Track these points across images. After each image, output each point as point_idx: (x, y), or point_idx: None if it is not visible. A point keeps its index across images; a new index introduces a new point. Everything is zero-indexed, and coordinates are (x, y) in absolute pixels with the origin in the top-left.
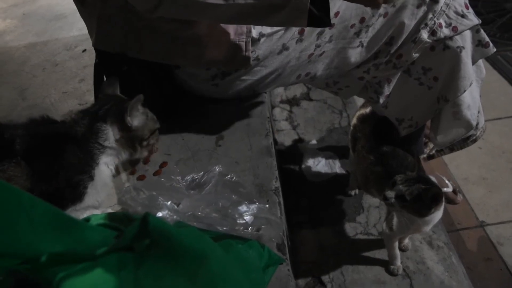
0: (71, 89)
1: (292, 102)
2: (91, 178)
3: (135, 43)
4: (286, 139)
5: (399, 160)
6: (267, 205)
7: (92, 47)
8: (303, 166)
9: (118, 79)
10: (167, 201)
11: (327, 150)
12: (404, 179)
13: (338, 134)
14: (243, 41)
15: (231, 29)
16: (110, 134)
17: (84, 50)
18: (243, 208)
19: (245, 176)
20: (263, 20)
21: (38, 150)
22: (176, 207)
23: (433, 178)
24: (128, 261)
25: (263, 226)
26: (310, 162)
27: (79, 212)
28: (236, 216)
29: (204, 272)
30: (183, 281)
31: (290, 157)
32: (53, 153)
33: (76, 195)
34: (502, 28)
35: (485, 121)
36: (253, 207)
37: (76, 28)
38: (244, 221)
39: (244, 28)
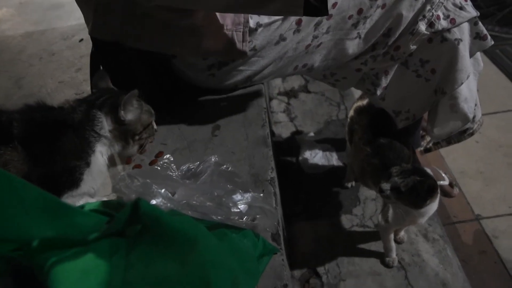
0: (67, 78)
1: (290, 94)
2: (87, 164)
3: (132, 32)
4: (284, 131)
5: (396, 152)
6: (262, 194)
7: (89, 37)
8: (300, 158)
9: (107, 73)
10: (161, 189)
11: (324, 142)
12: (400, 171)
13: (336, 126)
14: (240, 31)
15: (228, 19)
16: (105, 124)
17: (81, 40)
18: (237, 197)
19: (241, 166)
20: (259, 8)
21: (35, 135)
22: (170, 195)
23: (428, 170)
24: (120, 246)
25: (258, 216)
26: (307, 154)
27: (76, 199)
28: (231, 204)
29: (195, 256)
30: (174, 266)
31: (287, 149)
32: (50, 138)
33: (73, 181)
34: (501, 22)
35: (483, 115)
36: (248, 196)
37: (74, 17)
38: (238, 210)
39: (241, 18)
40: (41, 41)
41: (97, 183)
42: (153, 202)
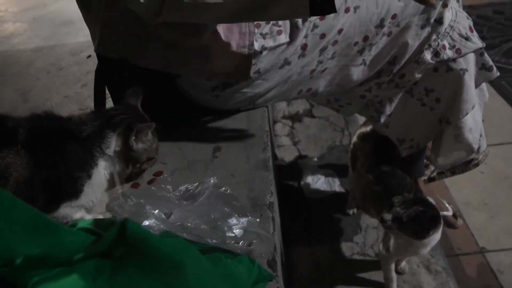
0: (72, 93)
1: (294, 118)
2: (89, 177)
3: (136, 49)
4: (287, 155)
5: (398, 180)
6: (258, 219)
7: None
8: (302, 182)
9: (143, 90)
10: (155, 210)
11: (327, 167)
12: (402, 200)
13: (339, 152)
14: (245, 53)
15: (233, 41)
16: (113, 144)
17: (89, 56)
18: (233, 221)
19: (240, 189)
20: (263, 14)
21: (40, 142)
22: (163, 216)
23: (431, 200)
24: (105, 268)
25: (254, 241)
26: (310, 179)
27: (74, 210)
28: (226, 229)
29: (181, 281)
30: None
31: (289, 173)
32: (55, 146)
33: (74, 191)
34: (507, 54)
35: (489, 146)
36: (243, 220)
37: (83, 34)
38: (233, 234)
39: (246, 40)
40: (50, 56)
41: (97, 196)
42: (146, 223)
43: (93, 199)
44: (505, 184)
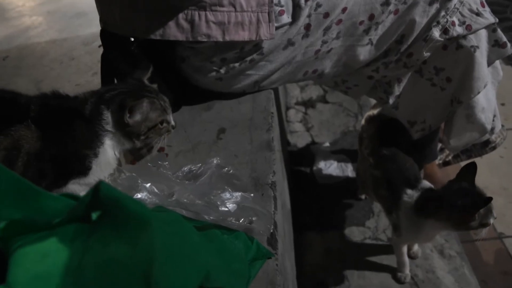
0: (83, 82)
1: (308, 104)
2: (96, 155)
3: (158, 25)
4: (299, 141)
5: (398, 164)
6: (252, 194)
7: None
8: (314, 168)
9: (150, 64)
10: (147, 183)
11: (340, 153)
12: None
13: (352, 137)
14: (265, 12)
15: (253, 1)
16: (109, 120)
17: (100, 46)
18: (226, 195)
19: (243, 169)
20: None
21: (49, 119)
22: (156, 190)
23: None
24: (83, 231)
25: (254, 219)
26: (322, 164)
27: (81, 188)
28: (219, 203)
29: (145, 238)
30: (125, 248)
31: (302, 158)
32: (63, 124)
33: (82, 168)
34: None
35: (509, 129)
36: (237, 195)
37: (95, 24)
38: (226, 209)
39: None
40: (63, 47)
41: (105, 175)
42: (138, 196)
43: (102, 177)
44: None
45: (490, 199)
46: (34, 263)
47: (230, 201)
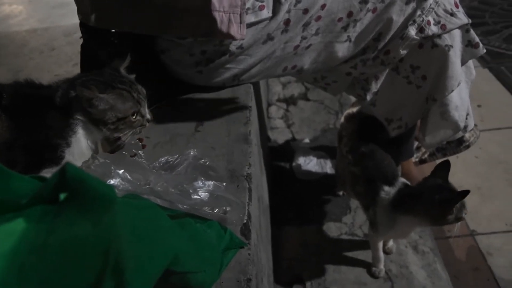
0: (63, 72)
1: (289, 101)
2: (68, 145)
3: (131, 16)
4: (280, 137)
5: (376, 161)
6: (225, 183)
7: None
8: (293, 164)
9: (128, 54)
10: (120, 170)
11: (319, 149)
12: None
13: (332, 134)
14: (237, 13)
15: (225, 1)
16: (78, 107)
17: (82, 37)
18: (198, 183)
19: (219, 161)
20: None
21: (21, 108)
22: (129, 176)
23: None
24: (50, 212)
25: (228, 209)
26: (301, 160)
27: None
28: (191, 191)
29: (107, 218)
30: (89, 226)
31: (281, 155)
32: (35, 112)
33: (55, 157)
34: (508, 39)
35: (485, 130)
36: (209, 183)
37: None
38: (198, 197)
39: (238, 0)
40: (44, 36)
41: (78, 164)
42: (111, 182)
43: None
44: (499, 169)
45: (468, 191)
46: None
47: (202, 190)
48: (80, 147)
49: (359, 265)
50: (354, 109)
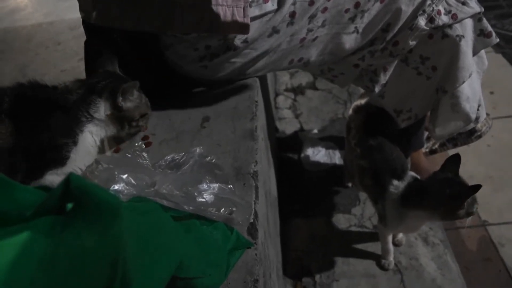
0: (69, 67)
1: (297, 90)
2: (74, 143)
3: (133, 13)
4: (288, 128)
5: (384, 155)
6: (230, 186)
7: None
8: (302, 155)
9: (116, 56)
10: (123, 175)
11: (328, 140)
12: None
13: (341, 124)
14: (240, 7)
15: None
16: (102, 109)
17: None
18: (203, 186)
19: (225, 158)
20: None
21: (25, 110)
22: (133, 181)
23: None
24: (58, 224)
25: (234, 209)
26: (309, 151)
27: (60, 178)
28: (196, 194)
29: (114, 227)
30: (95, 237)
31: (289, 145)
32: (40, 114)
33: (59, 158)
34: None
35: (497, 118)
36: (214, 186)
37: None
38: (204, 200)
39: None
40: (50, 31)
41: (85, 163)
42: (115, 187)
43: (81, 166)
44: None
45: (480, 186)
46: (8, 256)
47: (207, 192)
48: (86, 146)
49: (369, 257)
50: (363, 101)
